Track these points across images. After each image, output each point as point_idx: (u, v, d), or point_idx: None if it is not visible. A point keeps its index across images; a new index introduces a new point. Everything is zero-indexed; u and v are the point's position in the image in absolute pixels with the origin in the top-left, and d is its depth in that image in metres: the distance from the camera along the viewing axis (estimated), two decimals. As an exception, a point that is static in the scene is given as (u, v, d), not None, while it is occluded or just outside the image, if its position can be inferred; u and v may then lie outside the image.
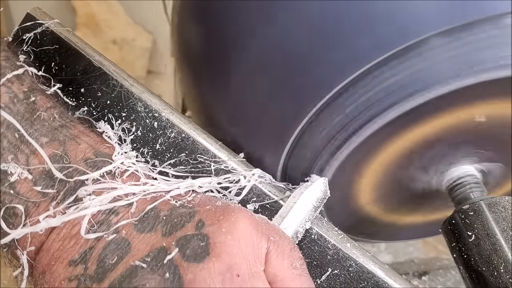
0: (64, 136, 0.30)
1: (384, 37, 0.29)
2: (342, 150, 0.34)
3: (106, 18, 1.29)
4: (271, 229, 0.30)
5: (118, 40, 1.29)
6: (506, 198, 0.35)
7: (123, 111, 0.35)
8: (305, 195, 0.34)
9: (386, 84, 0.30)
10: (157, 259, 0.26)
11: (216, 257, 0.26)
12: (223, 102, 0.39)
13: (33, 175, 0.29)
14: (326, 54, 0.31)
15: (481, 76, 0.29)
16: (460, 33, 0.28)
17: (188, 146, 0.35)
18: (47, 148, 0.29)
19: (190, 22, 0.40)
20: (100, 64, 0.37)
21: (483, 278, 0.33)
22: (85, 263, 0.27)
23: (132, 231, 0.28)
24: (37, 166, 0.29)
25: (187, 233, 0.27)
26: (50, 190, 0.29)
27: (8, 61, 0.31)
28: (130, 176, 0.31)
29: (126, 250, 0.27)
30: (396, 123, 0.32)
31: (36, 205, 0.28)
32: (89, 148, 0.31)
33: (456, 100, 0.32)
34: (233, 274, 0.26)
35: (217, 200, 0.31)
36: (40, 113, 0.30)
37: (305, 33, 0.31)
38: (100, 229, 0.28)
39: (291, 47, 0.32)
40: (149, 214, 0.29)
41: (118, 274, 0.26)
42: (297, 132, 0.34)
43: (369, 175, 0.39)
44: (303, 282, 0.29)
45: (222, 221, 0.28)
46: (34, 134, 0.29)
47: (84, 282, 0.27)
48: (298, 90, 0.32)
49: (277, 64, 0.32)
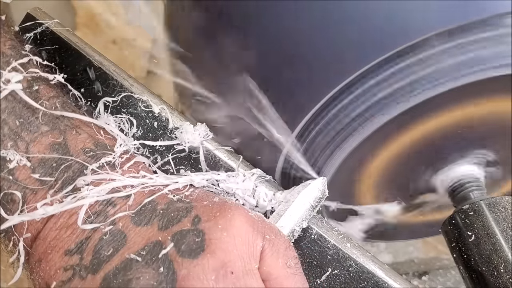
0: (65, 125, 0.31)
1: (384, 37, 0.29)
2: (342, 150, 0.34)
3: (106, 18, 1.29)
4: (267, 227, 0.30)
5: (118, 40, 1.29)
6: (506, 198, 0.35)
7: (123, 111, 0.35)
8: (303, 194, 0.34)
9: (386, 84, 0.30)
10: (152, 253, 0.26)
11: (211, 254, 0.26)
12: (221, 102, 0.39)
13: (32, 163, 0.29)
14: (326, 54, 0.31)
15: (481, 75, 0.29)
16: (460, 33, 0.28)
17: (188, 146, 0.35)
18: (47, 137, 0.30)
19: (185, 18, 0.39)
20: (100, 64, 0.37)
21: (483, 278, 0.33)
22: (81, 253, 0.27)
23: (128, 223, 0.28)
24: (36, 154, 0.29)
25: (183, 228, 0.27)
26: (48, 178, 0.29)
27: (14, 49, 0.31)
28: (129, 169, 0.31)
29: (122, 243, 0.27)
30: (395, 123, 0.32)
31: (34, 193, 0.29)
32: (89, 139, 0.31)
33: (456, 100, 0.32)
34: (227, 271, 0.26)
35: (214, 196, 0.31)
36: (43, 102, 0.30)
37: (305, 32, 0.31)
38: (97, 220, 0.28)
39: (291, 46, 0.32)
40: (146, 207, 0.29)
41: (113, 266, 0.26)
42: (297, 132, 0.34)
43: (369, 175, 0.39)
44: (297, 281, 0.29)
45: (219, 218, 0.28)
46: (35, 122, 0.29)
47: (79, 273, 0.27)
48: (298, 90, 0.32)
49: (276, 63, 0.32)
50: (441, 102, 0.31)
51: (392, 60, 0.29)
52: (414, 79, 0.30)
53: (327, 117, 0.33)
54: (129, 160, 0.32)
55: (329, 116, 0.33)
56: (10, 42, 0.31)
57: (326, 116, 0.33)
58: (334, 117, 0.33)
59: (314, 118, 0.33)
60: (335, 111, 0.32)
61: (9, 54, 0.30)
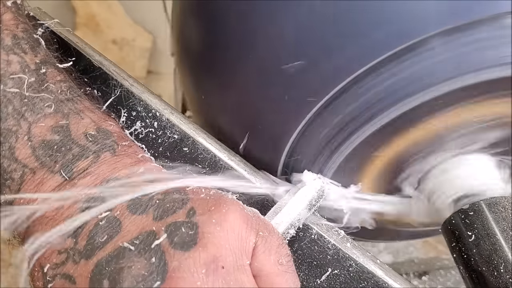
0: (69, 109, 0.31)
1: (384, 37, 0.29)
2: (342, 150, 0.34)
3: (106, 18, 1.29)
4: (261, 223, 0.30)
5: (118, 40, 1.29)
6: (506, 198, 0.35)
7: (123, 111, 0.35)
8: (300, 193, 0.34)
9: (386, 84, 0.30)
10: (145, 242, 0.27)
11: (203, 247, 0.26)
12: (223, 102, 0.39)
13: (32, 143, 0.29)
14: (326, 54, 0.31)
15: (481, 76, 0.29)
16: (460, 33, 0.28)
17: (188, 146, 0.35)
18: (50, 119, 0.30)
19: (191, 21, 0.40)
20: (100, 64, 0.37)
21: (483, 278, 0.33)
22: (75, 238, 0.27)
23: (124, 210, 0.28)
24: (37, 135, 0.29)
25: (178, 220, 0.27)
26: (47, 159, 0.29)
27: (26, 32, 0.31)
28: (129, 157, 0.31)
29: (117, 230, 0.27)
30: (395, 123, 0.32)
31: (33, 172, 0.29)
32: (91, 124, 0.31)
33: (456, 100, 0.32)
34: (218, 266, 0.26)
35: (211, 189, 0.31)
36: (49, 85, 0.30)
37: (306, 34, 0.31)
38: (94, 205, 0.28)
39: (292, 47, 0.32)
40: (143, 196, 0.29)
41: (106, 254, 0.26)
42: (297, 132, 0.34)
43: (369, 175, 0.39)
44: (287, 278, 0.29)
45: (213, 212, 0.28)
46: (39, 104, 0.30)
47: (73, 257, 0.27)
48: (299, 90, 0.32)
49: (277, 64, 0.32)
50: (441, 103, 0.31)
51: (391, 60, 0.29)
52: (414, 79, 0.30)
53: (327, 117, 0.33)
54: (129, 147, 0.32)
55: (329, 116, 0.33)
56: (23, 25, 0.31)
57: (326, 116, 0.33)
58: (334, 117, 0.33)
59: (314, 118, 0.33)
60: (335, 111, 0.32)
61: (20, 37, 0.31)
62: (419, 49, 0.29)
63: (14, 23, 0.31)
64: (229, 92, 0.37)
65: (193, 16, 0.39)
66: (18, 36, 0.31)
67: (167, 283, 0.25)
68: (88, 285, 0.26)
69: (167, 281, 0.25)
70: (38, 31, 0.33)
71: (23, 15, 0.32)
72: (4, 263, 0.85)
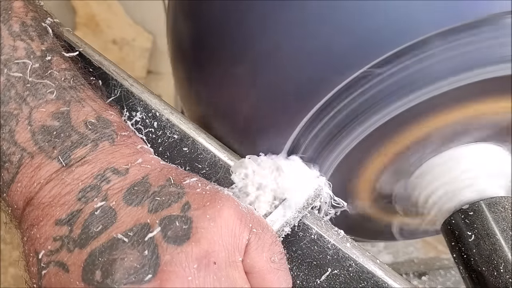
0: (71, 97, 0.31)
1: (384, 37, 0.29)
2: (342, 149, 0.34)
3: (106, 18, 1.29)
4: (255, 220, 0.30)
5: (118, 40, 1.29)
6: (506, 198, 0.35)
7: (123, 111, 0.35)
8: (297, 192, 0.34)
9: (386, 84, 0.30)
10: (139, 234, 0.27)
11: (196, 242, 0.26)
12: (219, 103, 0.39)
13: (32, 127, 0.29)
14: (326, 54, 0.31)
15: (481, 75, 0.29)
16: (460, 33, 0.28)
17: (188, 146, 0.35)
18: (52, 105, 0.30)
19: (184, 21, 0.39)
20: (100, 64, 0.37)
21: (483, 278, 0.33)
22: (71, 225, 0.28)
23: (120, 201, 0.28)
24: (37, 120, 0.29)
25: (172, 213, 0.28)
26: (46, 144, 0.29)
27: (35, 20, 0.32)
28: (128, 147, 0.31)
29: (112, 221, 0.28)
30: (395, 123, 0.32)
31: (31, 157, 0.29)
32: (92, 112, 0.31)
33: (456, 100, 0.32)
34: (209, 261, 0.26)
35: (208, 183, 0.31)
36: (53, 72, 0.31)
37: (304, 33, 0.31)
38: (90, 194, 0.29)
39: (289, 46, 0.32)
40: (139, 187, 0.29)
41: (100, 244, 0.27)
42: (297, 131, 0.34)
43: (369, 175, 0.39)
44: (279, 276, 0.29)
45: (208, 207, 0.28)
46: (42, 89, 0.30)
47: (67, 245, 0.27)
48: (298, 90, 0.32)
49: (275, 64, 0.32)
50: (441, 103, 0.31)
51: (391, 60, 0.29)
52: (414, 79, 0.30)
53: (327, 117, 0.33)
54: (129, 137, 0.32)
55: (329, 116, 0.33)
56: (33, 13, 0.32)
57: (326, 116, 0.33)
58: (334, 117, 0.33)
59: (315, 118, 0.33)
60: (335, 111, 0.32)
61: (29, 24, 0.31)
62: (419, 49, 0.29)
63: (24, 10, 0.31)
64: (224, 93, 0.37)
65: (186, 16, 0.39)
66: (26, 23, 0.31)
67: (158, 276, 0.25)
68: (81, 275, 0.26)
69: (158, 274, 0.25)
70: (47, 21, 0.33)
71: (33, 4, 0.33)
72: (4, 263, 0.85)
